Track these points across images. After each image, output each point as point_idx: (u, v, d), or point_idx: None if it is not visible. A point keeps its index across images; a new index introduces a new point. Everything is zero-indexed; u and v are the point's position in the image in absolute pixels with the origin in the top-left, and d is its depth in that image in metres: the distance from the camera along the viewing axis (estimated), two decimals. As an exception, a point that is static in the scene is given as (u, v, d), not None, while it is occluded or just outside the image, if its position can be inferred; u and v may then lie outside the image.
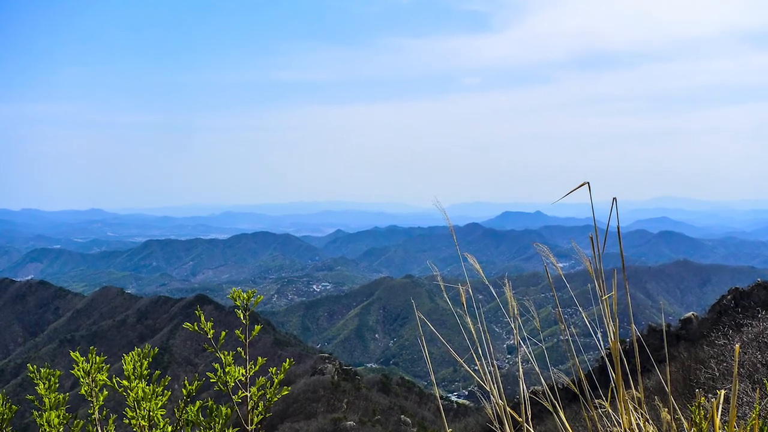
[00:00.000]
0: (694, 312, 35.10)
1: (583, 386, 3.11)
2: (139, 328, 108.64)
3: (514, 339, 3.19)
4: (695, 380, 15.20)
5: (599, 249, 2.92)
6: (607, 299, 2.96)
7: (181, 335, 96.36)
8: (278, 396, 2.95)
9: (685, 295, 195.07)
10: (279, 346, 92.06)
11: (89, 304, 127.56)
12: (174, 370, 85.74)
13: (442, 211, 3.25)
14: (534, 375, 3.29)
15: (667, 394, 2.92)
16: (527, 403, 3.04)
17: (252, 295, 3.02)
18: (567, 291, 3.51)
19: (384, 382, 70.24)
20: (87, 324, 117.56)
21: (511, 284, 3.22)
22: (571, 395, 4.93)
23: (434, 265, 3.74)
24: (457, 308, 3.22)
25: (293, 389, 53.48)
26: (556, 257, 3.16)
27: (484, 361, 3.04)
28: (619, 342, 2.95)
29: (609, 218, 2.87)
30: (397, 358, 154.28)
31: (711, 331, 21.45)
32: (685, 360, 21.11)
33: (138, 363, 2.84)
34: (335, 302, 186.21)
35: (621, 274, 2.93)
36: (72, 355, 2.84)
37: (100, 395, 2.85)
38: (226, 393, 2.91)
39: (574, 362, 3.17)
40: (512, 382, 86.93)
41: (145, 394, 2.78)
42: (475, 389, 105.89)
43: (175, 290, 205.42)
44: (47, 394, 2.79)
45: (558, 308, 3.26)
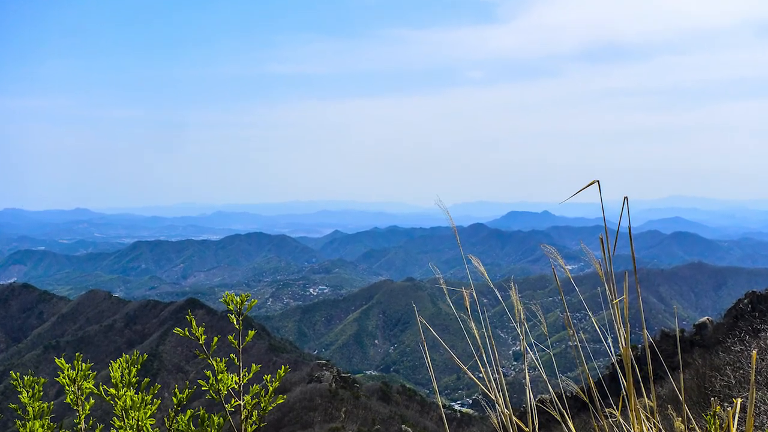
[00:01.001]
0: (709, 317, 35.13)
1: (592, 394, 3.11)
2: (128, 334, 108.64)
3: (521, 345, 3.19)
4: (710, 388, 15.20)
5: (610, 251, 2.92)
6: (618, 303, 2.96)
7: (172, 341, 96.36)
8: (273, 405, 2.95)
9: (700, 299, 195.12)
10: (274, 352, 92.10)
11: (75, 308, 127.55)
12: (164, 377, 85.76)
13: (444, 211, 3.25)
14: (541, 383, 3.29)
15: (681, 402, 2.92)
16: (534, 412, 3.04)
17: (246, 298, 3.02)
18: (576, 295, 3.52)
19: (384, 390, 70.29)
20: (73, 329, 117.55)
21: (518, 287, 3.22)
22: (580, 404, 4.93)
23: (437, 268, 3.74)
24: (460, 313, 3.22)
25: (289, 398, 53.49)
26: (564, 259, 3.16)
27: (489, 368, 3.05)
28: (631, 348, 2.95)
29: (620, 218, 2.87)
30: (397, 365, 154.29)
31: (727, 336, 21.45)
32: (699, 367, 21.12)
33: (126, 370, 2.84)
34: (333, 306, 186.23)
35: (632, 276, 2.93)
36: (57, 361, 2.84)
37: (86, 404, 2.85)
38: (219, 402, 2.91)
39: (584, 369, 3.18)
40: (518, 390, 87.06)
41: (133, 402, 2.78)
42: (479, 398, 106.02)
43: (164, 294, 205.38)
44: (31, 403, 2.79)
45: (566, 313, 3.27)
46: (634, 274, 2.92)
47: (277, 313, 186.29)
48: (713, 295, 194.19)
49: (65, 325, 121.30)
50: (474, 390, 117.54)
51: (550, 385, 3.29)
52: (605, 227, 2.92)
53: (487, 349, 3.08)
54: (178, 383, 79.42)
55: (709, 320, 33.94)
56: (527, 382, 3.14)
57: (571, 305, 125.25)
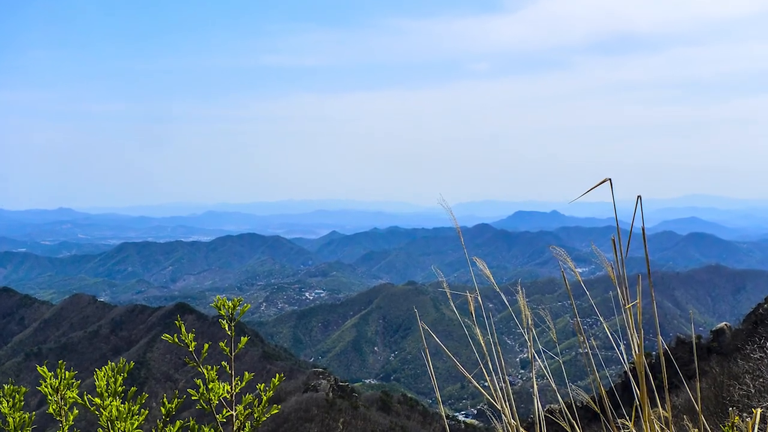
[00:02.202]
0: (727, 322, 35.17)
1: (604, 404, 3.11)
2: (114, 340, 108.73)
3: (528, 352, 3.19)
4: (728, 398, 15.22)
5: (622, 252, 2.93)
6: (631, 308, 2.96)
7: (160, 348, 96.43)
8: (267, 415, 2.95)
9: (717, 304, 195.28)
10: (268, 359, 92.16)
11: (58, 313, 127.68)
12: (152, 386, 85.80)
13: (448, 211, 3.25)
14: (550, 392, 3.29)
15: (698, 413, 2.92)
16: (542, 423, 3.04)
17: (238, 303, 3.02)
18: (586, 299, 3.52)
19: (384, 400, 70.33)
20: (55, 335, 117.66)
21: (525, 291, 3.22)
22: (591, 414, 4.94)
23: (439, 271, 3.75)
24: (464, 318, 3.22)
25: (283, 408, 53.51)
26: (574, 261, 3.16)
27: (494, 376, 3.05)
28: (645, 356, 2.95)
29: (633, 218, 2.87)
30: (398, 373, 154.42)
31: (746, 343, 21.46)
32: (717, 375, 21.14)
33: (112, 379, 2.84)
34: (330, 311, 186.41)
35: (646, 280, 2.93)
36: (39, 369, 2.84)
37: (70, 414, 2.85)
38: (210, 412, 2.91)
39: (595, 378, 3.18)
40: (526, 399, 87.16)
41: (119, 413, 2.78)
42: (484, 408, 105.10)
43: (152, 298, 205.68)
44: (11, 413, 2.79)
45: (576, 318, 3.27)
46: (647, 278, 2.92)
47: (271, 319, 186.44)
48: (731, 300, 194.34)
49: (48, 332, 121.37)
50: (479, 400, 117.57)
51: (560, 394, 3.29)
52: (617, 228, 2.93)
53: (492, 357, 3.08)
54: (167, 392, 79.32)
55: (727, 326, 33.98)
56: (535, 392, 3.14)
57: (582, 310, 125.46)
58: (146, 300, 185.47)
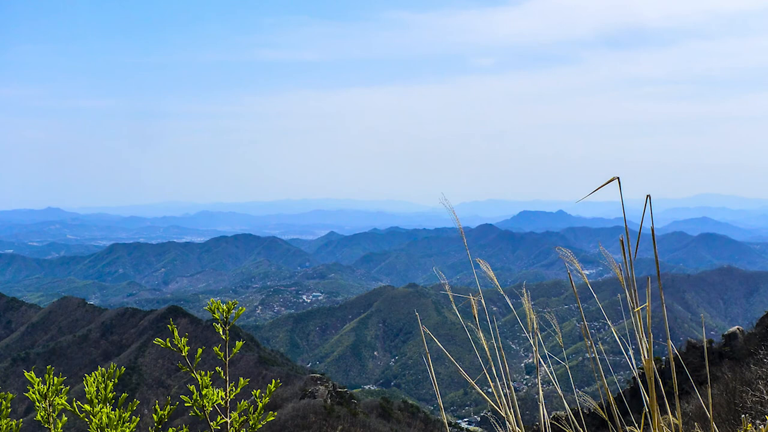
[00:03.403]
0: (740, 326, 35.17)
1: (612, 411, 3.11)
2: (104, 345, 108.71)
3: (534, 357, 3.19)
4: (741, 404, 15.21)
5: (631, 254, 2.93)
6: (640, 311, 2.97)
7: (152, 353, 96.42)
8: (263, 422, 2.95)
9: (730, 307, 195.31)
10: (264, 365, 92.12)
11: (46, 316, 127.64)
12: (143, 392, 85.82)
13: (450, 211, 3.25)
14: (556, 398, 3.30)
15: (709, 420, 2.92)
16: (548, 430, 3.04)
17: (233, 306, 3.02)
18: (594, 302, 3.52)
19: (384, 407, 70.31)
20: (44, 340, 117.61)
21: (530, 294, 3.22)
22: (599, 421, 4.93)
23: (441, 273, 3.75)
24: (467, 322, 3.23)
25: (280, 415, 53.52)
26: (581, 263, 3.16)
27: (498, 382, 3.05)
28: (654, 361, 2.95)
29: (642, 219, 2.87)
30: (398, 378, 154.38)
31: (759, 348, 21.48)
32: (729, 381, 21.12)
33: (102, 384, 2.84)
34: (328, 315, 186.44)
35: (656, 282, 2.93)
36: (26, 375, 2.84)
37: (58, 421, 2.85)
38: (203, 419, 2.91)
39: (602, 384, 3.18)
40: (531, 406, 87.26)
41: (110, 420, 2.79)
42: (488, 414, 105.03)
43: (144, 301, 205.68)
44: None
45: (583, 322, 3.27)
46: (657, 280, 2.92)
47: (267, 323, 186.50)
48: (744, 303, 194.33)
49: (35, 336, 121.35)
50: (482, 406, 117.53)
51: (566, 400, 3.30)
52: (626, 228, 2.93)
53: (496, 362, 3.08)
54: (159, 399, 79.49)
55: (740, 330, 33.99)
56: (540, 398, 3.14)
57: (589, 313, 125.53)
58: (138, 303, 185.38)
